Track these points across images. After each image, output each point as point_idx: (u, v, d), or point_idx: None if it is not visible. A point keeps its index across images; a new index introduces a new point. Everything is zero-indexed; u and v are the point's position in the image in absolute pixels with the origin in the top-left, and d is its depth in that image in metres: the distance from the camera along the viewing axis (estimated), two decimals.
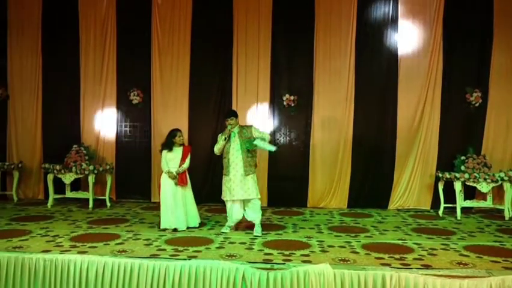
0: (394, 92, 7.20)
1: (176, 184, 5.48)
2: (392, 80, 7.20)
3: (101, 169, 7.10)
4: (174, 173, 5.48)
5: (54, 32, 7.85)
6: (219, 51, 7.50)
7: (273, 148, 5.40)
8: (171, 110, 7.59)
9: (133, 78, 7.70)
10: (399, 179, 7.22)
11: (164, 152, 5.56)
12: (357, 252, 4.54)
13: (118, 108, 7.76)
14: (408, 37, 7.20)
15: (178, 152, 5.57)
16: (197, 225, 5.61)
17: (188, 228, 5.51)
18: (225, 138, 5.33)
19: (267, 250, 4.60)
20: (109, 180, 7.27)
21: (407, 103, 7.17)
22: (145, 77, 7.64)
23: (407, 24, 7.20)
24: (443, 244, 4.91)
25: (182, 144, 5.64)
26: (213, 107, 7.49)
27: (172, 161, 5.55)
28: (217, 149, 5.41)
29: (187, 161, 5.59)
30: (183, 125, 7.38)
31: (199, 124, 7.51)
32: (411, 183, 7.21)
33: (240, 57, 7.44)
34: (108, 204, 7.16)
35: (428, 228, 5.79)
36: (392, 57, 7.22)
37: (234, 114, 5.45)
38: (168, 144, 5.57)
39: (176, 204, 5.47)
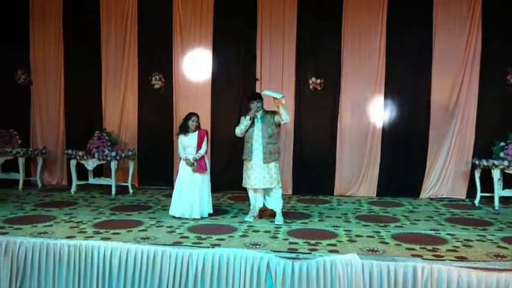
0: (427, 74, 7.01)
1: (194, 171, 5.51)
2: (426, 61, 7.02)
3: (123, 155, 7.23)
4: (191, 159, 5.51)
5: (76, 19, 7.95)
6: (242, 35, 7.46)
7: (279, 95, 5.14)
8: (193, 95, 7.62)
9: (155, 63, 7.75)
10: (432, 166, 7.07)
11: (181, 136, 5.60)
12: (387, 243, 4.50)
13: (139, 93, 7.83)
14: (443, 14, 6.97)
15: (193, 137, 5.58)
16: (207, 214, 5.57)
17: (202, 217, 5.51)
18: (250, 118, 5.28)
19: (292, 239, 4.61)
20: (131, 166, 7.41)
21: (441, 86, 6.99)
22: (167, 61, 7.68)
23: (442, 0, 6.96)
24: (479, 235, 4.81)
25: (198, 129, 5.64)
26: (236, 92, 7.48)
27: (188, 147, 5.58)
28: (239, 130, 5.38)
29: (204, 146, 5.59)
30: (205, 110, 7.43)
31: (222, 109, 7.51)
32: (445, 170, 7.06)
33: (264, 40, 7.37)
34: (130, 190, 7.30)
35: (463, 219, 5.68)
36: (425, 36, 7.01)
37: (260, 97, 5.42)
38: (183, 128, 5.59)
39: (192, 192, 5.48)
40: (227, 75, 7.54)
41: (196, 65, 7.63)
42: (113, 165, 7.13)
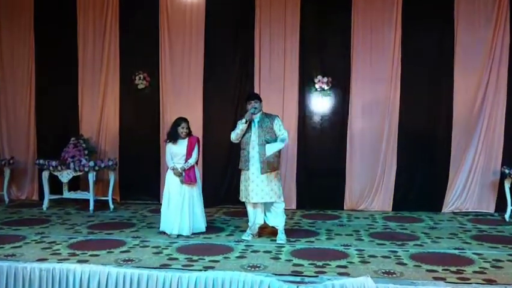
0: (449, 71, 7.04)
1: (182, 182, 5.53)
2: (447, 57, 7.05)
3: (102, 165, 7.23)
4: (179, 169, 5.53)
5: (48, 11, 7.98)
6: (238, 29, 7.50)
7: (282, 145, 5.25)
8: (183, 97, 7.65)
9: (139, 60, 7.79)
10: (456, 175, 7.09)
11: (169, 144, 5.62)
12: (405, 264, 4.49)
13: (121, 94, 7.86)
14: (466, 4, 7.02)
15: (183, 144, 5.62)
16: (204, 230, 5.67)
17: (193, 234, 5.55)
18: (246, 121, 5.30)
19: (296, 260, 4.60)
20: (112, 178, 7.40)
21: (465, 84, 7.02)
22: (153, 59, 7.71)
23: None
24: (510, 255, 4.80)
25: (189, 136, 5.67)
26: (232, 94, 7.51)
27: (177, 155, 5.60)
28: (234, 135, 5.38)
29: (194, 154, 5.63)
30: (197, 115, 7.47)
31: (216, 113, 7.54)
32: (471, 181, 7.08)
33: (263, 35, 7.41)
34: (111, 206, 7.27)
35: (492, 236, 5.67)
36: (447, 28, 7.06)
37: (258, 97, 5.44)
38: (172, 135, 5.62)
39: (181, 205, 5.52)
40: (221, 73, 7.56)
41: (186, 63, 7.66)
42: (91, 177, 7.11)
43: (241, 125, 5.30)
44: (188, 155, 5.60)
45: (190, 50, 7.65)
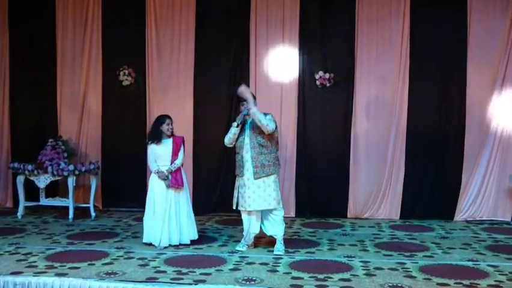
0: (462, 66, 7.09)
1: (168, 186, 5.53)
2: (460, 50, 7.10)
3: (83, 169, 7.20)
4: (165, 172, 5.53)
5: (24, 4, 7.98)
6: (232, 20, 7.51)
7: (262, 118, 5.13)
8: (172, 94, 7.66)
9: (123, 55, 7.79)
10: (470, 180, 7.12)
11: (152, 146, 5.61)
12: (414, 277, 4.50)
13: (104, 91, 7.87)
14: None
15: (167, 145, 5.59)
16: (194, 238, 5.62)
17: (181, 244, 5.51)
18: (238, 125, 5.30)
19: (295, 273, 4.59)
20: (94, 183, 7.38)
21: (479, 80, 7.06)
22: (138, 53, 7.72)
23: None
24: None
25: (173, 135, 5.67)
26: (225, 91, 7.52)
27: (161, 157, 5.57)
28: (227, 139, 5.39)
29: (181, 155, 5.62)
30: (187, 113, 7.50)
31: (208, 112, 7.56)
32: (486, 186, 7.12)
33: (259, 27, 7.43)
34: (92, 214, 7.26)
35: (508, 246, 5.69)
36: (459, 19, 7.10)
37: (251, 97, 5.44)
38: (155, 135, 5.60)
39: (167, 213, 5.48)
40: (214, 69, 7.57)
41: (174, 56, 7.67)
42: (71, 181, 7.10)
43: (234, 129, 5.31)
44: (174, 155, 5.58)
45: (179, 43, 7.66)
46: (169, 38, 7.69)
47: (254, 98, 5.41)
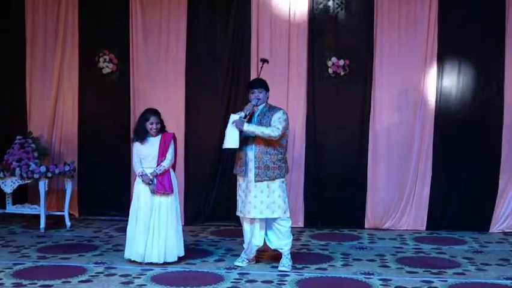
0: (499, 53, 7.09)
1: (153, 192, 5.48)
2: (496, 34, 7.10)
3: (57, 171, 7.20)
4: (149, 175, 5.49)
5: None
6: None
7: (258, 131, 5.14)
8: (160, 84, 7.66)
9: (104, 38, 7.78)
10: (508, 185, 7.15)
11: (136, 144, 5.57)
12: None
13: (81, 81, 7.85)
14: None
15: (154, 143, 5.52)
16: (176, 259, 5.47)
17: (165, 262, 5.41)
18: (246, 116, 5.26)
19: None
20: (69, 187, 7.38)
21: None
22: (121, 37, 7.72)
23: None
24: None
25: (161, 132, 5.61)
26: (223, 81, 7.53)
27: (147, 157, 5.52)
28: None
29: (169, 155, 5.52)
30: (178, 106, 7.49)
31: (203, 102, 7.56)
32: None
33: (262, 6, 7.42)
34: (68, 223, 7.26)
35: None
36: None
37: (263, 85, 5.38)
38: (139, 133, 5.55)
39: (151, 223, 5.41)
40: (209, 55, 7.58)
41: (163, 40, 7.66)
42: (43, 185, 7.09)
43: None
44: (162, 156, 5.51)
45: (168, 25, 7.65)
46: (157, 18, 7.68)
47: (267, 89, 5.36)
